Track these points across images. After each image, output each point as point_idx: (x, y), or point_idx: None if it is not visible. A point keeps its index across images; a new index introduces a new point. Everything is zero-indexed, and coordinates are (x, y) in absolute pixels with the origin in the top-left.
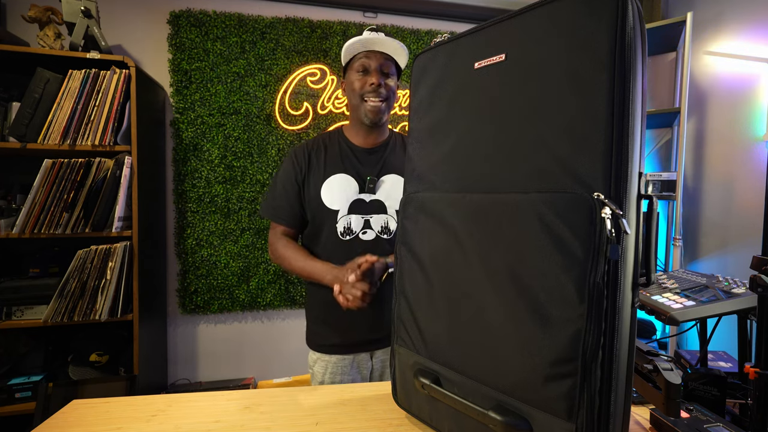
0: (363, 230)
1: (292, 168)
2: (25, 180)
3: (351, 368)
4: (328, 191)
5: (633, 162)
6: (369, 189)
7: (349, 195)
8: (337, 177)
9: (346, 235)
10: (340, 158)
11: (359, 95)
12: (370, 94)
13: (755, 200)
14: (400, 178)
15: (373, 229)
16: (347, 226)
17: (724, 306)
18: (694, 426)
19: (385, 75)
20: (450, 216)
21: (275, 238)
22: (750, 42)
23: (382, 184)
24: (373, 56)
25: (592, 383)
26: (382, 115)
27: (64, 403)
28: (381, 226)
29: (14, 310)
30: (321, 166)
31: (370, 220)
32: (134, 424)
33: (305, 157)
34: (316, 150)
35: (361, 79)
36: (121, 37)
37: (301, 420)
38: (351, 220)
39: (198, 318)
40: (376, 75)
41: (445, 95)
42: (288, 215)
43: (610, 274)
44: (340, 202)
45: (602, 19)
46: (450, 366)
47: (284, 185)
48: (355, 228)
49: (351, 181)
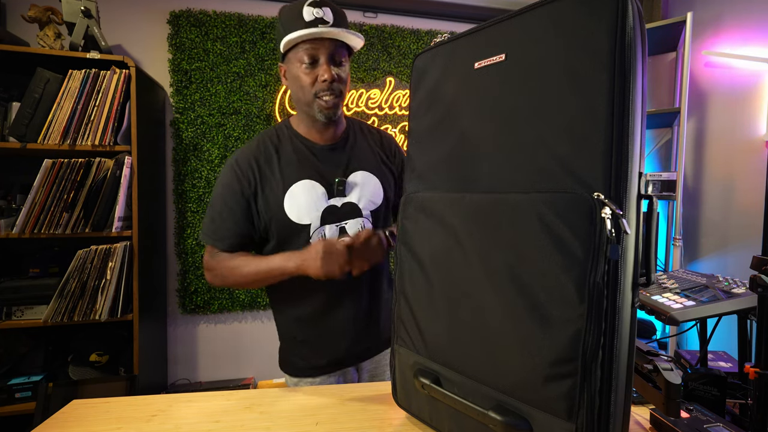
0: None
1: (238, 182)
2: (25, 180)
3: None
4: (293, 203)
5: (633, 162)
6: (339, 192)
7: (318, 203)
8: (299, 185)
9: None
10: (297, 162)
11: (311, 92)
12: (324, 92)
13: (755, 200)
14: (370, 174)
15: (349, 235)
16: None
17: (724, 306)
18: (694, 426)
19: (338, 65)
20: (450, 216)
21: (211, 258)
22: (750, 42)
23: (351, 184)
24: (321, 45)
25: (592, 383)
26: (338, 109)
27: (64, 403)
28: (358, 231)
29: (14, 310)
30: (276, 174)
31: (345, 227)
32: (134, 424)
33: (252, 167)
34: (265, 156)
35: (309, 73)
36: (121, 37)
37: (301, 420)
38: (325, 231)
39: (198, 318)
40: (327, 69)
41: (444, 95)
42: (232, 237)
43: (610, 274)
44: (310, 214)
45: (602, 19)
46: (450, 366)
47: (226, 202)
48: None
49: (316, 186)
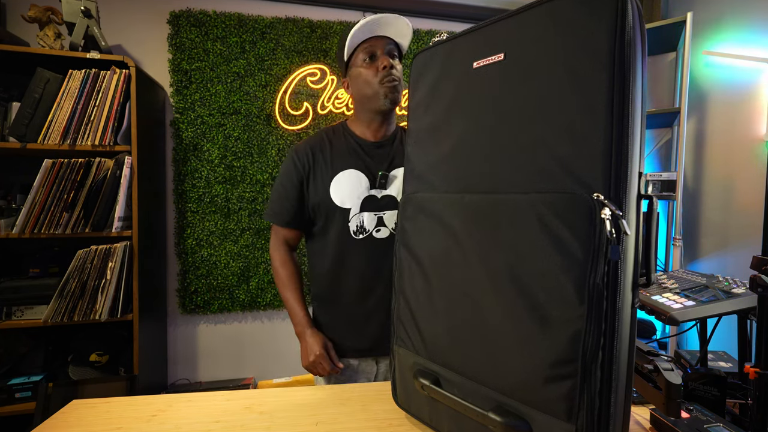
0: (377, 228)
1: (294, 167)
2: (25, 180)
3: (357, 374)
4: (338, 189)
5: (633, 162)
6: (380, 184)
7: (360, 192)
8: (346, 173)
9: (359, 234)
10: (347, 153)
11: (377, 81)
12: (386, 77)
13: (755, 200)
14: None
15: (386, 226)
16: (360, 225)
17: (724, 306)
18: (694, 426)
19: (392, 58)
20: (449, 216)
21: (276, 245)
22: (750, 42)
23: (393, 178)
24: (376, 42)
25: (592, 384)
26: (399, 94)
27: (64, 403)
28: (395, 222)
29: (14, 310)
30: (328, 162)
31: (383, 217)
32: (134, 424)
33: (308, 154)
34: (320, 146)
35: (370, 66)
36: (121, 37)
37: (301, 420)
38: (363, 218)
39: (198, 318)
40: (385, 58)
41: (443, 95)
42: (289, 217)
43: (610, 275)
44: (352, 200)
45: (602, 19)
46: (450, 367)
47: (285, 186)
48: (368, 226)
49: (361, 176)
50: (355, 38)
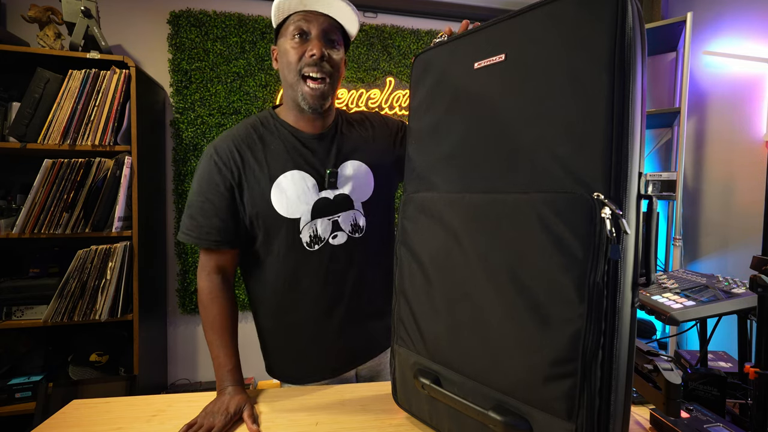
0: (333, 234)
1: (218, 172)
2: (25, 180)
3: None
4: (281, 196)
5: (633, 162)
6: (330, 183)
7: (308, 196)
8: (287, 176)
9: (314, 245)
10: (285, 151)
11: (296, 69)
12: (310, 67)
13: (755, 200)
14: (360, 163)
15: (343, 230)
16: (314, 234)
17: (724, 306)
18: (694, 426)
19: (330, 43)
20: (450, 216)
21: (204, 272)
22: (750, 42)
23: (344, 174)
24: (313, 18)
25: (592, 383)
26: (326, 100)
27: (64, 403)
28: (350, 224)
29: (14, 310)
30: (262, 164)
31: (338, 220)
32: (134, 424)
33: (234, 155)
34: (247, 143)
35: (297, 47)
36: (121, 37)
37: (301, 420)
38: (317, 225)
39: (198, 318)
40: (317, 43)
41: (444, 95)
42: (221, 236)
43: (610, 274)
44: (299, 208)
45: (602, 20)
46: (450, 366)
47: (208, 198)
48: (323, 234)
49: (306, 177)
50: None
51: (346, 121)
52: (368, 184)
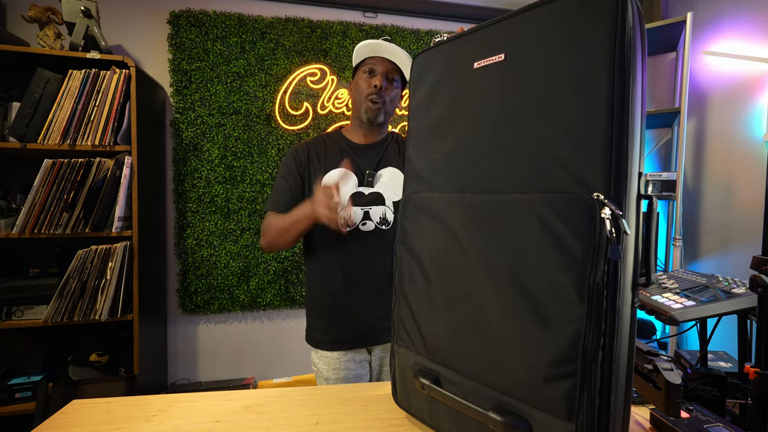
0: (363, 221)
1: (294, 162)
2: (25, 180)
3: (354, 363)
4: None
5: (633, 162)
6: (368, 182)
7: (348, 188)
8: (336, 171)
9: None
10: (339, 154)
11: (364, 95)
12: (372, 95)
13: (755, 200)
14: (398, 171)
15: (372, 220)
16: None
17: (724, 306)
18: (694, 426)
19: (390, 81)
20: (449, 216)
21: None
22: (750, 42)
23: (380, 177)
24: (380, 62)
25: (592, 383)
26: (379, 115)
27: (64, 403)
28: (380, 217)
29: (14, 310)
30: (321, 161)
31: (369, 211)
32: (134, 424)
33: (305, 153)
34: (315, 147)
35: (367, 80)
36: (121, 37)
37: (301, 420)
38: (350, 211)
39: (198, 318)
40: (380, 78)
41: (444, 95)
42: (287, 203)
43: (610, 275)
44: (340, 195)
45: (602, 19)
46: (450, 366)
47: (286, 179)
48: (355, 219)
49: (350, 175)
50: (364, 50)
51: (395, 141)
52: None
